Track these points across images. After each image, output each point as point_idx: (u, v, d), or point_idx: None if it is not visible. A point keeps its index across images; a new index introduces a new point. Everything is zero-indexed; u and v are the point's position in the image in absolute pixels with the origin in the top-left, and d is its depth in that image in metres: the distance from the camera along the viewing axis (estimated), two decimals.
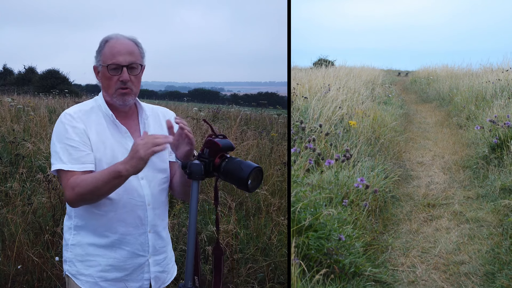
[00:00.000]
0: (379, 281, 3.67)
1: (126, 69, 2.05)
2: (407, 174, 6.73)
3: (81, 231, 2.12)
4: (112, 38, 2.10)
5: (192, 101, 24.08)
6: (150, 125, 2.19)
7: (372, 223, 4.66)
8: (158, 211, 2.17)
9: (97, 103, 2.14)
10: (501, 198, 5.30)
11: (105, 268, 2.11)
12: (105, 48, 2.08)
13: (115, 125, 2.10)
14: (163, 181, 2.19)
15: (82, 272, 2.12)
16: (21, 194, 4.88)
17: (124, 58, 2.05)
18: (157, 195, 2.15)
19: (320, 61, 23.84)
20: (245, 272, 3.78)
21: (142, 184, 2.10)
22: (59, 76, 29.62)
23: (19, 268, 3.70)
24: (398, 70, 33.68)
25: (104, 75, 2.08)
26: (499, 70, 15.09)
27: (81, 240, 2.12)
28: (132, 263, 2.13)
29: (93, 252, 2.11)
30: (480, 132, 7.92)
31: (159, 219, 2.19)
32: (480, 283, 3.69)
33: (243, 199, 5.17)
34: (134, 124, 2.17)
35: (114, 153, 2.05)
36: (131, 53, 2.08)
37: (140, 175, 2.06)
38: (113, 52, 2.05)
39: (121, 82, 2.05)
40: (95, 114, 2.10)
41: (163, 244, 2.24)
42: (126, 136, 2.11)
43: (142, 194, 2.10)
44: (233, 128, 8.97)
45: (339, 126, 7.33)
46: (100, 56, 2.09)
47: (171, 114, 2.29)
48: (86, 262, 2.11)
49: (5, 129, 8.39)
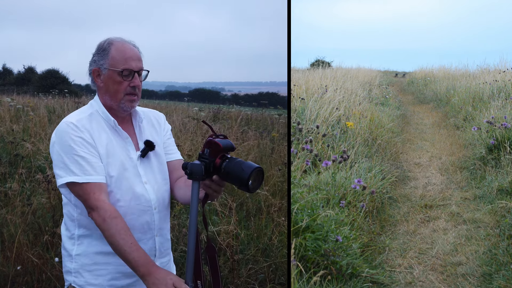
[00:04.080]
0: (376, 282, 3.68)
1: (137, 74, 2.05)
2: (404, 175, 6.76)
3: (86, 240, 2.06)
4: (117, 41, 2.07)
5: (192, 101, 24.05)
6: (145, 128, 2.18)
7: (369, 224, 4.68)
8: (163, 214, 2.17)
9: (94, 108, 2.09)
10: (498, 199, 5.33)
11: (115, 276, 2.06)
12: (113, 51, 2.04)
13: (116, 131, 2.08)
14: (164, 183, 2.18)
15: (91, 282, 2.05)
16: (21, 194, 4.88)
17: (136, 64, 2.05)
18: (161, 198, 2.14)
19: (317, 62, 23.83)
20: (246, 273, 3.80)
21: (147, 188, 2.08)
22: (59, 76, 29.55)
23: (18, 269, 3.69)
24: (395, 71, 33.66)
25: (113, 80, 2.04)
26: (496, 71, 15.10)
27: (86, 249, 2.05)
28: None
29: (101, 260, 2.05)
30: (477, 133, 7.94)
31: (164, 222, 2.19)
32: (477, 284, 3.71)
33: (244, 200, 5.18)
34: (130, 128, 2.16)
35: (122, 163, 2.04)
36: (140, 59, 2.08)
37: (143, 179, 2.07)
38: (126, 57, 2.03)
39: (131, 87, 2.04)
40: (95, 120, 2.06)
41: (167, 246, 2.24)
42: (128, 142, 2.09)
43: (148, 198, 2.08)
44: (233, 128, 8.99)
45: (336, 127, 7.34)
46: (107, 59, 2.04)
47: (161, 116, 2.30)
48: (94, 272, 2.05)
49: (5, 129, 8.38)
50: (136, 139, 2.14)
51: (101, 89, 2.09)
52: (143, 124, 2.18)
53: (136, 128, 2.16)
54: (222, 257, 3.96)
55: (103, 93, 2.09)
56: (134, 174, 2.07)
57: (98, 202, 1.88)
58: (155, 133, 2.20)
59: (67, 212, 2.11)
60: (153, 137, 2.18)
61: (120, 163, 2.03)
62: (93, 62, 2.09)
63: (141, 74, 2.09)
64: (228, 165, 1.77)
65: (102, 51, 2.07)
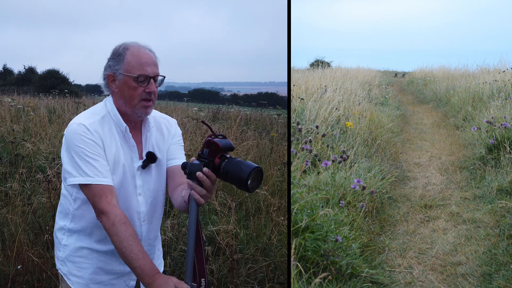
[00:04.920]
0: (376, 282, 3.69)
1: (152, 80, 2.04)
2: (404, 175, 6.76)
3: (75, 234, 2.11)
4: (133, 46, 2.05)
5: (192, 101, 24.09)
6: (152, 137, 2.17)
7: (369, 224, 4.69)
8: (153, 225, 2.20)
9: (107, 110, 2.08)
10: (498, 199, 5.33)
11: (96, 271, 2.11)
12: (128, 56, 2.02)
13: (125, 137, 2.08)
14: (160, 193, 2.20)
15: (74, 273, 2.12)
16: (21, 194, 4.89)
17: (152, 69, 2.04)
18: (152, 210, 2.17)
19: (316, 62, 23.85)
20: (245, 272, 3.80)
21: (139, 200, 2.11)
22: (59, 76, 29.60)
23: (19, 268, 3.70)
24: (394, 71, 33.67)
25: (128, 85, 2.02)
26: (495, 71, 15.10)
27: (74, 242, 2.12)
28: (120, 269, 2.14)
29: (85, 255, 2.11)
30: (477, 133, 7.94)
31: (154, 232, 2.22)
32: (477, 284, 3.71)
33: (243, 199, 5.19)
34: (139, 135, 2.16)
35: (124, 172, 2.05)
36: (156, 64, 2.06)
37: (138, 190, 2.10)
38: (141, 62, 2.02)
39: (147, 93, 2.03)
40: (107, 124, 2.05)
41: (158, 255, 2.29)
42: (133, 150, 2.10)
43: (138, 211, 2.11)
44: (233, 128, 9.00)
45: (336, 127, 7.34)
46: (122, 65, 2.02)
47: (172, 122, 2.30)
48: (78, 264, 2.12)
49: (5, 129, 8.39)
50: (141, 148, 2.14)
51: (116, 95, 2.08)
52: (150, 133, 2.17)
53: (143, 137, 2.16)
54: (221, 257, 3.96)
55: (117, 98, 2.08)
56: (131, 185, 2.09)
57: (109, 206, 1.88)
58: (161, 141, 2.20)
59: (64, 204, 2.14)
60: (159, 145, 2.18)
61: (123, 171, 2.05)
62: (108, 67, 2.07)
63: (156, 79, 2.07)
64: (227, 165, 1.76)
65: (117, 56, 2.05)
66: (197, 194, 1.78)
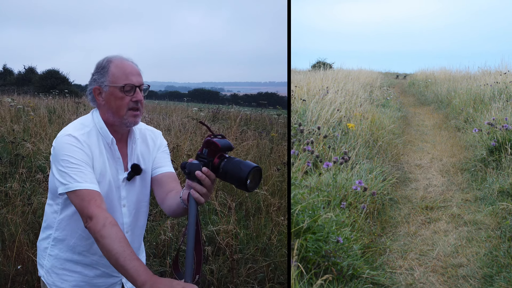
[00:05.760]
0: (377, 283, 3.68)
1: (138, 89, 2.05)
2: (405, 176, 6.75)
3: (59, 245, 2.13)
4: (116, 58, 2.07)
5: (192, 101, 24.08)
6: (138, 149, 2.18)
7: (370, 226, 4.68)
8: (136, 235, 2.22)
9: (94, 123, 2.09)
10: (499, 201, 5.32)
11: (80, 284, 2.13)
12: (112, 68, 2.04)
13: (111, 149, 2.09)
14: (144, 204, 2.22)
15: (57, 284, 2.14)
16: (21, 194, 4.89)
17: (137, 79, 2.05)
18: (135, 221, 2.19)
19: (318, 63, 23.87)
20: (245, 272, 3.80)
21: (123, 211, 2.12)
22: (59, 76, 29.65)
23: (19, 268, 3.71)
24: (396, 72, 33.71)
25: (115, 96, 2.04)
26: (497, 73, 15.10)
27: (58, 253, 2.14)
28: (104, 282, 2.16)
29: (70, 267, 2.13)
30: (478, 134, 7.93)
31: (137, 242, 2.24)
32: (478, 285, 3.70)
33: (243, 199, 5.18)
34: (124, 147, 2.16)
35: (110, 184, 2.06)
36: (139, 74, 2.09)
37: (123, 202, 2.11)
38: (126, 73, 2.04)
39: (134, 102, 2.04)
40: (95, 137, 2.06)
41: None
42: (119, 162, 2.11)
43: (122, 222, 2.12)
44: (233, 128, 9.00)
45: (337, 128, 7.34)
46: (107, 77, 2.04)
47: (157, 134, 2.30)
48: (62, 276, 2.14)
49: (5, 129, 8.39)
50: (127, 160, 2.15)
51: (103, 107, 2.08)
52: (136, 145, 2.18)
53: (129, 149, 2.17)
54: (221, 257, 3.96)
55: (105, 111, 2.08)
56: (116, 196, 2.10)
57: (98, 209, 1.85)
58: (147, 152, 2.22)
59: (50, 214, 2.16)
60: (144, 156, 2.20)
61: (109, 183, 2.06)
62: (93, 81, 2.08)
63: (142, 89, 2.09)
64: (226, 164, 1.76)
65: (101, 69, 2.07)
66: (197, 193, 1.76)
